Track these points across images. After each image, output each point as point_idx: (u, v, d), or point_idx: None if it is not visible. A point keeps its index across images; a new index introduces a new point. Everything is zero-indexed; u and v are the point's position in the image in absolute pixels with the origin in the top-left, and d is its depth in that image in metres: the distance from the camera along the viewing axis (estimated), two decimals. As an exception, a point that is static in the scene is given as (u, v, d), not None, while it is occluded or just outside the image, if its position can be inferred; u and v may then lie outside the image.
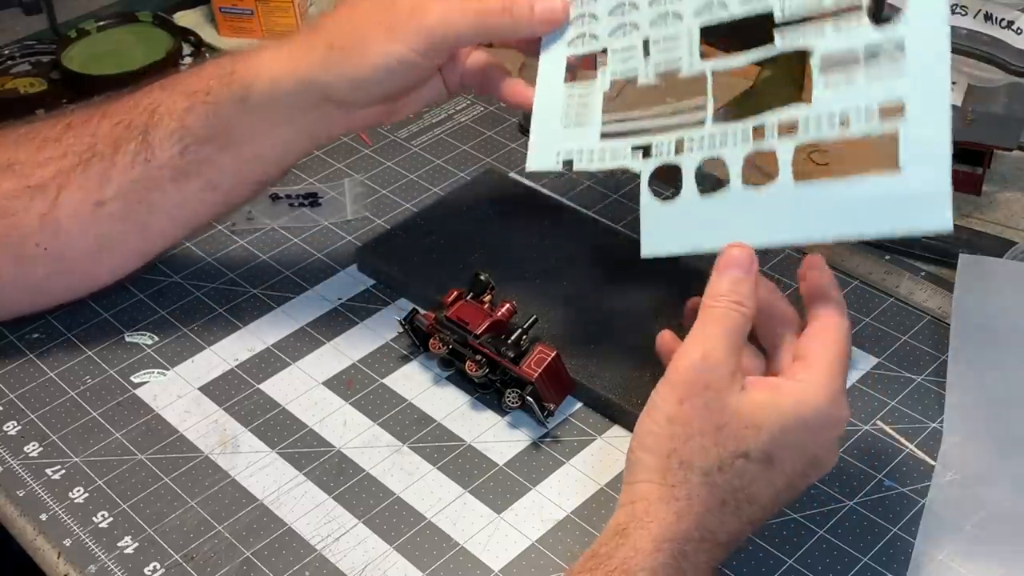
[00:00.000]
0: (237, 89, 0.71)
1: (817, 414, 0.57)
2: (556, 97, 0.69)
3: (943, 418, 0.70)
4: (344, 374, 0.77)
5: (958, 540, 0.64)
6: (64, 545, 0.66)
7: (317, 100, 0.71)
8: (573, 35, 0.69)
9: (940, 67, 0.56)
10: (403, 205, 0.91)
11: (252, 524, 0.67)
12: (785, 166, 0.60)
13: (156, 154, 0.72)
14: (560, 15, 0.69)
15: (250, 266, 0.86)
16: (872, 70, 0.58)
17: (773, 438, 0.56)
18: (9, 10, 1.19)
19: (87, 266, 0.76)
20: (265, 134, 0.72)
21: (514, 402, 0.71)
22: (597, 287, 0.79)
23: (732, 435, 0.56)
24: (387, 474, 0.70)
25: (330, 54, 0.69)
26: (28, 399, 0.76)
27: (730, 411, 0.56)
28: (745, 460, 0.56)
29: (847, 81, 0.59)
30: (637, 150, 0.65)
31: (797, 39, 0.61)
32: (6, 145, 0.75)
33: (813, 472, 0.60)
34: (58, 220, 0.73)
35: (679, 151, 0.64)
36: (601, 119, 0.67)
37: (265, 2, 1.11)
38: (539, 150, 0.69)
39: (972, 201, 0.87)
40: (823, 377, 0.58)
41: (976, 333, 0.74)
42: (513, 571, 0.64)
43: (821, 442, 0.59)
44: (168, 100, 0.73)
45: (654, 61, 0.66)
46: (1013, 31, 0.78)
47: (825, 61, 0.60)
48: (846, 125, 0.59)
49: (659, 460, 0.57)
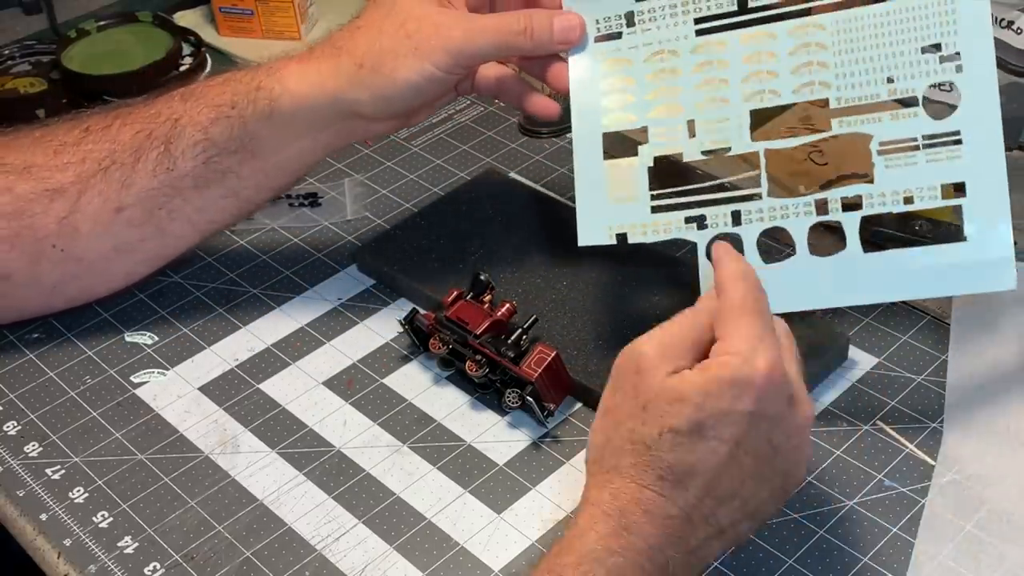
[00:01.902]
0: (263, 104, 0.73)
1: (737, 373, 0.56)
2: (598, 173, 0.69)
3: (943, 418, 0.70)
4: (344, 374, 0.77)
5: (958, 540, 0.64)
6: (64, 545, 0.66)
7: (343, 115, 0.73)
8: (608, 112, 0.69)
9: (996, 148, 0.60)
10: (403, 205, 0.91)
11: (252, 524, 0.67)
12: (852, 237, 0.63)
13: (178, 164, 0.74)
14: (578, 32, 0.70)
15: (250, 266, 0.86)
16: (931, 155, 0.62)
17: (699, 407, 0.55)
18: (9, 10, 1.19)
19: (102, 269, 0.77)
20: (288, 146, 0.75)
21: (514, 402, 0.71)
22: (597, 287, 0.79)
23: (658, 412, 0.56)
24: (387, 474, 0.70)
25: (359, 72, 0.71)
26: (28, 399, 0.76)
27: (654, 390, 0.57)
28: (674, 433, 0.56)
29: (907, 163, 0.62)
30: (691, 221, 0.67)
31: (854, 125, 0.64)
32: (21, 148, 0.76)
33: (775, 432, 0.57)
34: (77, 223, 0.74)
35: (736, 222, 0.66)
36: (648, 194, 0.68)
37: (265, 2, 1.11)
38: (589, 224, 0.69)
39: (972, 201, 0.87)
40: (737, 339, 0.57)
41: (976, 333, 0.74)
42: (513, 571, 0.64)
43: (756, 397, 0.56)
44: (191, 111, 0.74)
45: (700, 140, 0.67)
46: (1013, 31, 0.78)
47: (884, 145, 0.63)
48: (911, 201, 0.62)
49: (596, 452, 0.59)
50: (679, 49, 0.68)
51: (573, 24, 0.70)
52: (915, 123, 0.63)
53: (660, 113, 0.68)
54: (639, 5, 0.69)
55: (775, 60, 0.66)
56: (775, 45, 0.66)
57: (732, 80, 0.67)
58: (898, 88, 0.63)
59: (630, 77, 0.69)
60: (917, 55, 0.63)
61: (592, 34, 0.70)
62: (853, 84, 0.64)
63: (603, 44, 0.70)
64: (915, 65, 0.63)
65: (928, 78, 0.62)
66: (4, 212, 0.74)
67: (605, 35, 0.70)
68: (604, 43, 0.70)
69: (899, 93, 0.63)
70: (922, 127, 0.62)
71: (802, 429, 0.59)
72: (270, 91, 0.73)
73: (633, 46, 0.69)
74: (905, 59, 0.63)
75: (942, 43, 0.62)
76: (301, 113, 0.73)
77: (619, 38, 0.70)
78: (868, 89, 0.64)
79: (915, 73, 0.63)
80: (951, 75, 0.62)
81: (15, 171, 0.74)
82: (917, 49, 0.63)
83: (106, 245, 0.75)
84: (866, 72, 0.64)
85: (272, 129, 0.74)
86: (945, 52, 0.62)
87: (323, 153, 0.77)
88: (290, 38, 1.12)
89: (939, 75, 0.62)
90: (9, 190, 0.74)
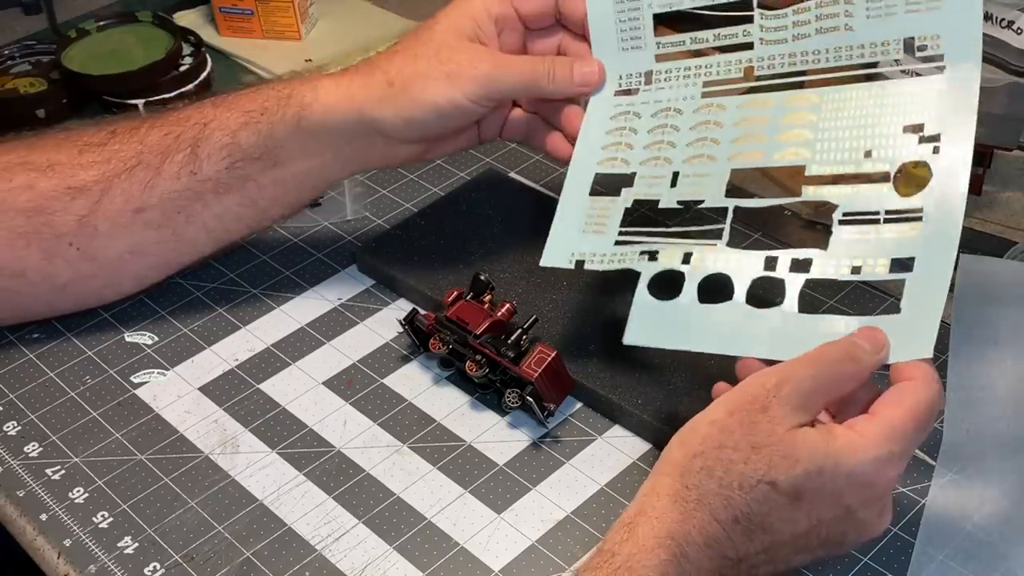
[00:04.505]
0: (292, 111, 0.74)
1: (860, 468, 0.55)
2: (580, 206, 0.73)
3: (943, 418, 0.70)
4: (344, 374, 0.77)
5: (958, 540, 0.64)
6: (64, 545, 0.66)
7: (367, 131, 0.74)
8: (605, 156, 0.73)
9: (953, 229, 0.60)
10: (403, 205, 0.91)
11: (252, 524, 0.67)
12: (791, 298, 0.63)
13: (203, 167, 0.75)
14: (597, 78, 0.74)
15: (250, 266, 0.86)
16: (890, 230, 0.62)
17: (807, 475, 0.55)
18: (9, 10, 1.19)
19: (115, 270, 0.77)
20: (311, 158, 0.76)
21: (514, 402, 0.71)
22: (597, 287, 0.79)
23: (765, 459, 0.55)
24: (387, 474, 0.70)
25: (389, 91, 0.73)
26: (28, 399, 0.76)
27: (774, 437, 0.56)
28: (771, 488, 0.55)
29: (863, 236, 0.63)
30: (644, 255, 0.68)
31: (823, 193, 0.65)
32: (46, 147, 0.76)
33: (852, 530, 0.58)
34: (96, 223, 0.74)
35: (686, 262, 0.67)
36: (618, 230, 0.70)
37: (265, 2, 1.11)
38: (554, 249, 0.72)
39: (972, 201, 0.86)
40: (880, 436, 0.56)
41: (976, 333, 0.74)
42: (513, 571, 0.64)
43: (862, 499, 0.57)
44: (221, 116, 0.75)
45: (679, 191, 0.70)
46: (1013, 31, 0.78)
47: (847, 216, 0.63)
48: (858, 271, 0.62)
49: (685, 458, 0.57)
50: (683, 109, 0.72)
51: (592, 71, 0.74)
52: (881, 197, 0.63)
53: (651, 163, 0.72)
54: (658, 65, 0.73)
55: (765, 125, 0.68)
56: (768, 111, 0.68)
57: (723, 141, 0.69)
58: (874, 164, 0.64)
59: (634, 129, 0.73)
60: (898, 132, 0.64)
61: (613, 88, 0.75)
62: (833, 152, 0.65)
63: (620, 98, 0.74)
64: (894, 141, 0.63)
65: (904, 157, 0.63)
66: (24, 208, 0.74)
67: (624, 90, 0.74)
68: (621, 97, 0.74)
69: (874, 168, 0.64)
70: (887, 201, 0.62)
71: (873, 533, 0.59)
72: (302, 98, 0.74)
73: (645, 102, 0.74)
74: (886, 133, 0.64)
75: (924, 123, 0.63)
76: (328, 124, 0.74)
77: (635, 94, 0.74)
78: (845, 161, 0.65)
79: (893, 148, 0.63)
80: (927, 155, 0.62)
81: (38, 169, 0.75)
82: (900, 126, 0.64)
83: (122, 246, 0.76)
84: (847, 143, 0.65)
85: (297, 138, 0.75)
86: (926, 133, 0.63)
87: (341, 172, 0.78)
88: (290, 38, 1.12)
89: (916, 155, 0.62)
90: (31, 187, 0.74)
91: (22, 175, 0.74)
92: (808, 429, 0.56)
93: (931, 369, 0.59)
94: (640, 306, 0.67)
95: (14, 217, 0.74)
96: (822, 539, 0.58)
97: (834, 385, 0.58)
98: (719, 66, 0.71)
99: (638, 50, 0.74)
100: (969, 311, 0.75)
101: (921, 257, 0.60)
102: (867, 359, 0.58)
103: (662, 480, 0.58)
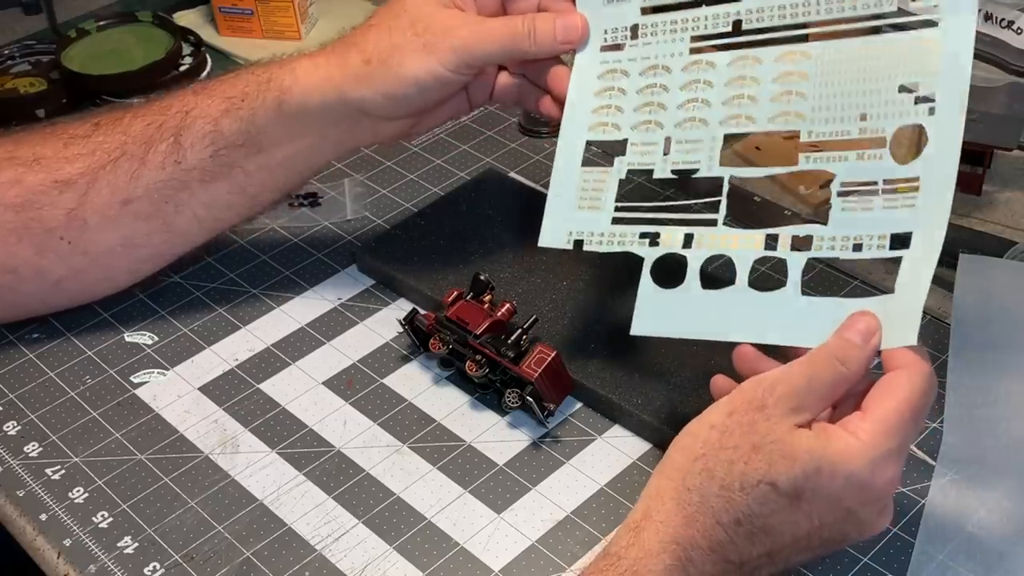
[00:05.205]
0: (272, 95, 0.73)
1: (858, 472, 0.55)
2: (573, 179, 0.71)
3: (943, 418, 0.70)
4: (344, 374, 0.77)
5: (958, 540, 0.64)
6: (64, 545, 0.66)
7: (350, 111, 0.73)
8: (595, 121, 0.72)
9: (947, 194, 0.59)
10: (403, 205, 0.91)
11: (252, 524, 0.67)
12: (794, 277, 0.62)
13: (187, 156, 0.74)
14: (580, 32, 0.72)
15: (250, 266, 0.86)
16: (888, 200, 0.61)
17: (806, 475, 0.55)
18: (9, 10, 1.19)
19: (107, 264, 0.77)
20: (295, 141, 0.75)
21: (514, 402, 0.71)
22: (597, 287, 0.79)
23: (765, 458, 0.55)
24: (387, 474, 0.70)
25: (367, 68, 0.71)
26: (28, 399, 0.76)
27: (772, 437, 0.56)
28: (772, 489, 0.55)
29: (863, 208, 0.61)
30: (644, 238, 0.67)
31: (821, 163, 0.64)
32: (32, 141, 0.76)
33: (853, 530, 0.58)
34: (85, 216, 0.74)
35: (687, 245, 0.66)
36: (614, 205, 0.69)
37: (265, 2, 1.11)
38: (552, 227, 0.71)
39: (972, 201, 0.87)
40: (875, 434, 0.55)
41: (976, 333, 0.74)
42: (513, 571, 0.64)
43: (861, 501, 0.56)
44: (203, 103, 0.74)
45: (672, 159, 0.68)
46: (1013, 31, 0.78)
47: (845, 186, 0.62)
48: (859, 249, 0.61)
49: (686, 461, 0.57)
50: (672, 66, 0.70)
51: (575, 24, 0.71)
52: (879, 165, 0.62)
53: (642, 128, 0.70)
54: (644, 19, 0.71)
55: (757, 86, 0.67)
56: (760, 71, 0.67)
57: (714, 102, 0.68)
58: (869, 127, 0.62)
59: (623, 89, 0.71)
60: (893, 93, 0.62)
61: (598, 43, 0.72)
62: (827, 119, 0.64)
63: (607, 54, 0.72)
64: (890, 104, 0.62)
65: (900, 119, 0.61)
66: (13, 204, 0.74)
67: (611, 45, 0.72)
68: (608, 53, 0.72)
69: (869, 132, 0.63)
70: (885, 170, 0.61)
71: (874, 530, 0.58)
72: (280, 82, 0.73)
73: (632, 59, 0.71)
74: (882, 96, 0.62)
75: (920, 83, 0.61)
76: (309, 106, 0.73)
77: (622, 50, 0.72)
78: (840, 125, 0.63)
79: (888, 112, 0.62)
80: (923, 117, 0.60)
81: (24, 163, 0.74)
82: (895, 87, 0.62)
83: (112, 239, 0.75)
84: (842, 107, 0.64)
85: (279, 122, 0.74)
86: (920, 93, 0.61)
87: (331, 154, 0.77)
88: (290, 38, 1.12)
89: (911, 116, 0.61)
90: (18, 182, 0.74)
91: (9, 170, 0.74)
92: (805, 431, 0.56)
93: (919, 356, 0.58)
94: (645, 295, 0.66)
95: (3, 213, 0.74)
96: (823, 539, 0.58)
97: (827, 389, 0.58)
98: (706, 19, 0.69)
99: (623, 1, 0.71)
100: (969, 311, 0.75)
101: (917, 233, 0.59)
102: (859, 355, 0.58)
103: (664, 482, 0.58)
